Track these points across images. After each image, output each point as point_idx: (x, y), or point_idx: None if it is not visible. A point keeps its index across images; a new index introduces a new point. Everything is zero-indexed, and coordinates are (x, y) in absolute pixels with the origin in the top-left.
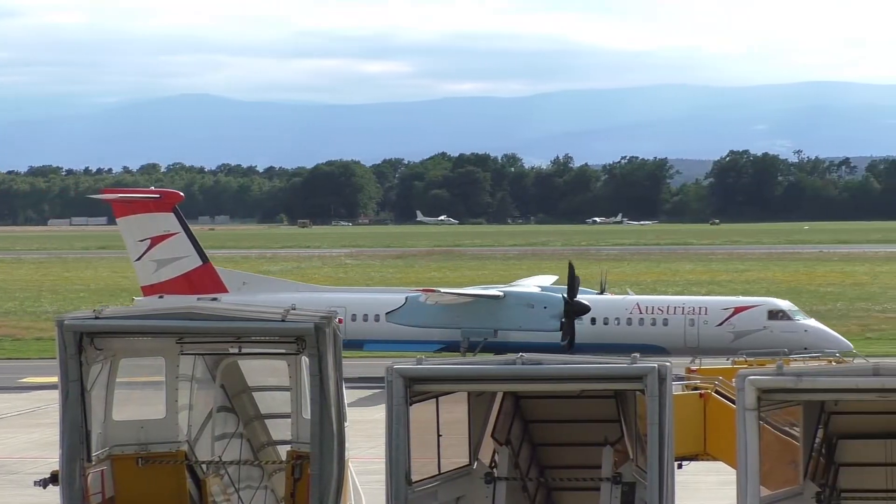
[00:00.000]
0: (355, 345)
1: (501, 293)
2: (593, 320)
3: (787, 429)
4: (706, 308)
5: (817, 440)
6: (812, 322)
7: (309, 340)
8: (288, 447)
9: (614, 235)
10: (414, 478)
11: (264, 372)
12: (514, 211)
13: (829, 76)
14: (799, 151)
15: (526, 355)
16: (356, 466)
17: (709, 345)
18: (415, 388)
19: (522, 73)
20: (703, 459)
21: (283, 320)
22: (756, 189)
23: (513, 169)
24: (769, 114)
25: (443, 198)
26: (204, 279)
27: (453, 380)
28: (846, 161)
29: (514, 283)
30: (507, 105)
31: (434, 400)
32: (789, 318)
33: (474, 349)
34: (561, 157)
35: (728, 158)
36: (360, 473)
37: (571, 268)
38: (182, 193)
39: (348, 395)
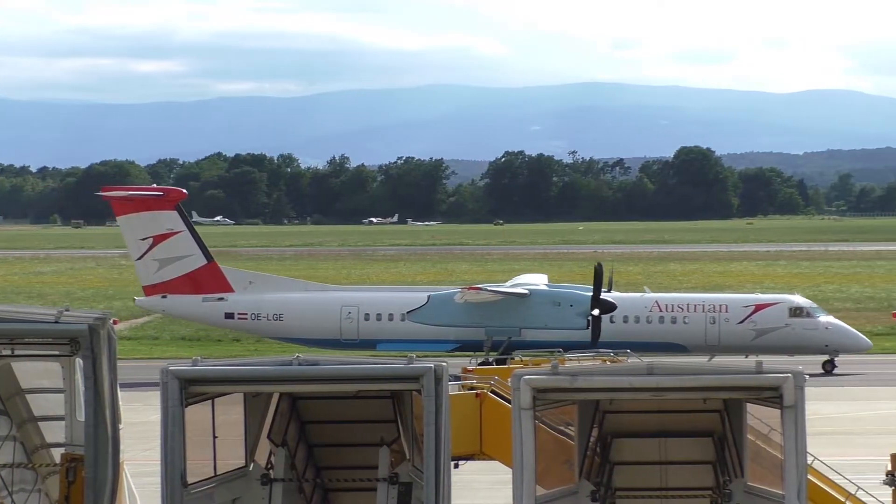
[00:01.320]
0: (368, 345)
1: (527, 291)
2: (612, 319)
3: (562, 428)
4: (726, 306)
5: (592, 439)
6: (832, 319)
7: (83, 342)
8: (62, 450)
9: (391, 236)
10: (190, 480)
11: (38, 374)
12: (290, 211)
13: (602, 77)
14: (574, 152)
15: (302, 356)
16: (131, 469)
17: (730, 343)
18: (190, 390)
19: (297, 73)
20: (479, 459)
21: (56, 322)
22: (531, 189)
23: (289, 169)
24: (544, 114)
25: (219, 198)
26: (209, 279)
27: (229, 381)
28: (620, 162)
29: (512, 282)
30: (284, 105)
31: (210, 401)
32: (810, 316)
33: (497, 348)
34: (337, 158)
35: (503, 159)
36: (136, 476)
37: (598, 266)
38: (185, 191)
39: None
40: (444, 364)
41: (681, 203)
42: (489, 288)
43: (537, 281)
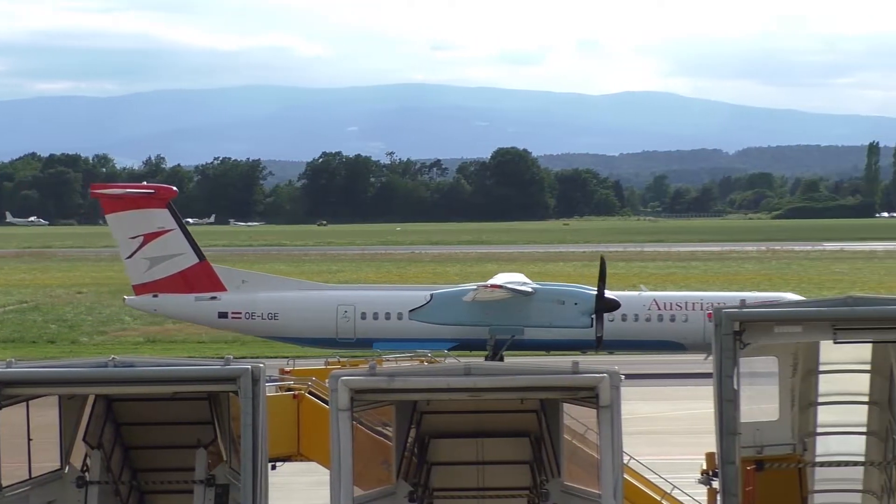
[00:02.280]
0: (365, 344)
1: (532, 289)
2: (612, 317)
3: (380, 428)
4: (724, 304)
5: (410, 439)
6: None
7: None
8: None
9: (208, 236)
10: (4, 483)
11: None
12: None
13: (420, 78)
14: (391, 153)
15: (118, 357)
16: None
17: None
18: (4, 392)
19: (115, 72)
20: (297, 460)
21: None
22: (349, 190)
23: (104, 169)
24: (361, 115)
25: (33, 198)
26: (200, 277)
27: (43, 383)
28: (437, 163)
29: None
30: (100, 105)
31: (24, 403)
32: None
33: (501, 347)
34: (153, 158)
35: (321, 160)
36: None
37: (603, 263)
38: (176, 189)
39: None
40: (260, 365)
41: (498, 204)
42: (508, 286)
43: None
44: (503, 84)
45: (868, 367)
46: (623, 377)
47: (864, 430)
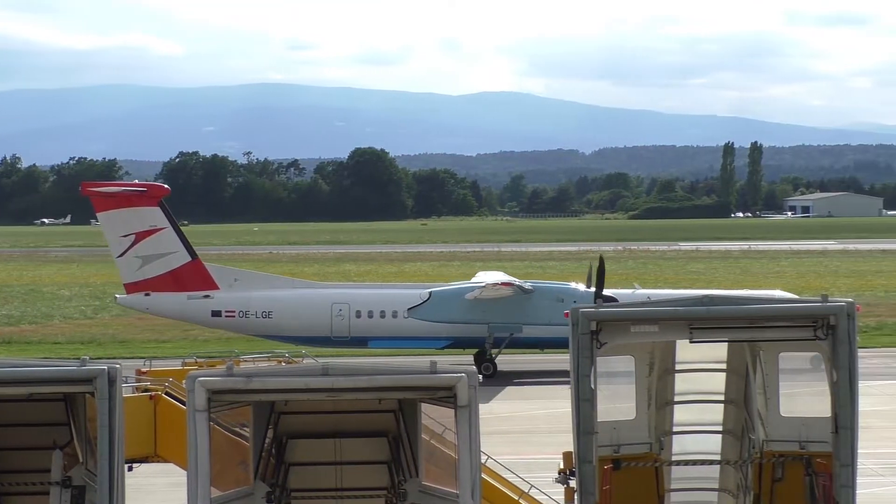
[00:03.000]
0: (359, 342)
1: (531, 287)
2: None
3: (237, 429)
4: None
5: (268, 440)
6: None
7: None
8: None
9: (64, 237)
10: None
11: None
12: None
13: (277, 78)
14: (248, 153)
15: None
16: None
17: None
18: None
19: None
20: (154, 461)
21: None
22: (206, 190)
23: None
24: (218, 115)
25: None
26: (193, 276)
27: None
28: (295, 163)
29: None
30: None
31: None
32: None
33: (499, 345)
34: (9, 158)
35: (178, 159)
36: None
37: (601, 261)
38: (168, 187)
39: None
40: (117, 366)
41: (356, 204)
42: (515, 283)
43: (498, 278)
44: (361, 84)
45: (724, 366)
46: (481, 377)
47: (719, 428)
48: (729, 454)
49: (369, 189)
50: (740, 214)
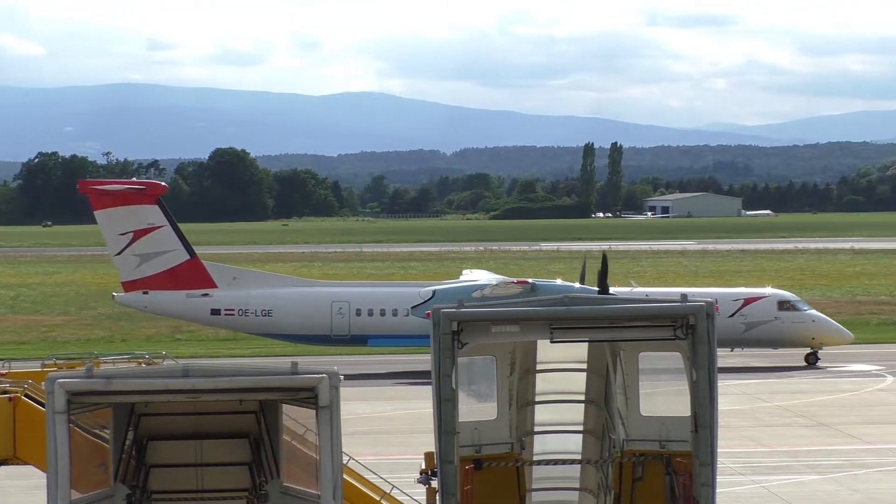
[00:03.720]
0: (359, 340)
1: (535, 284)
2: None
3: (97, 431)
4: (716, 299)
5: (128, 442)
6: (816, 312)
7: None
8: None
9: None
10: None
11: None
12: None
13: (137, 78)
14: (108, 153)
15: None
16: None
17: (720, 336)
18: None
19: None
20: (13, 464)
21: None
22: (66, 191)
23: None
24: (77, 115)
25: None
26: (191, 274)
27: None
28: (155, 163)
29: (461, 278)
30: None
31: None
32: (796, 309)
33: None
34: None
35: (37, 160)
36: None
37: (605, 258)
38: (166, 185)
39: None
40: None
41: (216, 204)
42: (530, 281)
43: (484, 277)
44: (222, 84)
45: (584, 365)
46: (342, 378)
47: (580, 428)
48: (590, 454)
49: (230, 189)
50: (601, 215)
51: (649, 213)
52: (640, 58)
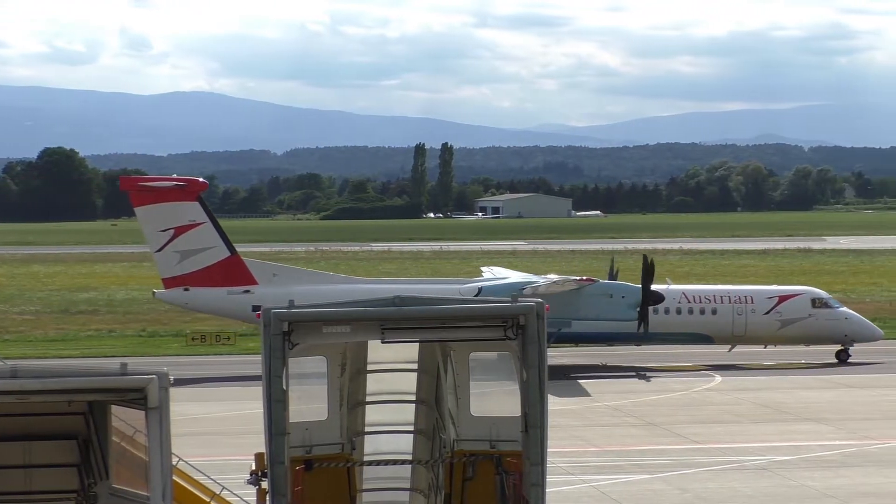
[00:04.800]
0: None
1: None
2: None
3: None
4: (752, 297)
5: None
6: (848, 310)
7: None
8: None
9: None
10: None
11: None
12: None
13: None
14: None
15: None
16: None
17: (756, 333)
18: None
19: None
20: None
21: None
22: None
23: None
24: None
25: None
26: (232, 271)
27: None
28: None
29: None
30: None
31: None
32: (829, 306)
33: (549, 339)
34: None
35: None
36: None
37: (646, 258)
38: (206, 182)
39: None
40: None
41: (45, 204)
42: (602, 281)
43: (506, 273)
44: (51, 83)
45: (415, 366)
46: (172, 379)
47: (411, 428)
48: (421, 454)
49: (59, 189)
50: (431, 215)
51: (480, 214)
52: (470, 58)
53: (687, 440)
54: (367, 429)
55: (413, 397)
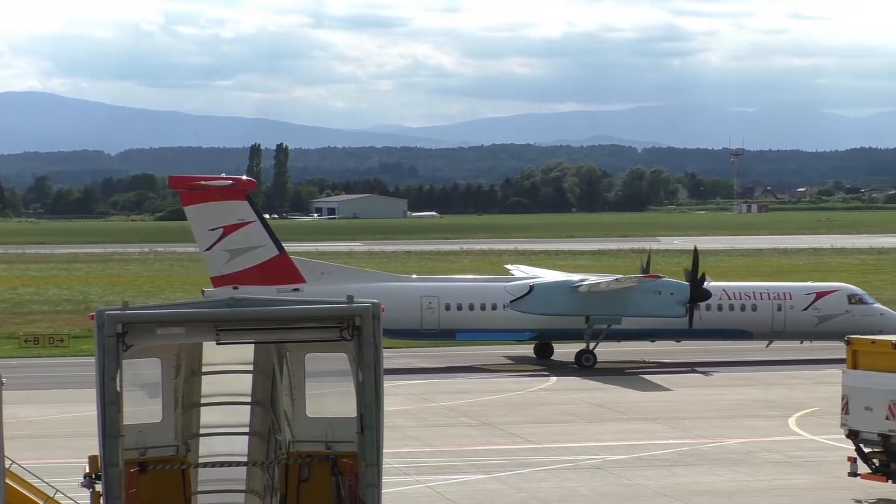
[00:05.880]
0: (447, 334)
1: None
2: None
3: None
4: (790, 293)
5: None
6: (882, 306)
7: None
8: None
9: None
10: None
11: None
12: None
13: None
14: None
15: None
16: None
17: (795, 329)
18: None
19: None
20: None
21: None
22: None
23: None
24: None
25: None
26: (281, 269)
27: None
28: None
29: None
30: None
31: None
32: (865, 303)
33: (598, 336)
34: None
35: None
36: None
37: (696, 253)
38: (255, 181)
39: None
40: None
41: None
42: (666, 279)
43: (535, 272)
44: None
45: (251, 367)
46: (4, 381)
47: (247, 430)
48: (256, 455)
49: None
50: (267, 216)
51: (315, 215)
52: (306, 59)
53: (522, 440)
54: (202, 431)
55: (248, 399)
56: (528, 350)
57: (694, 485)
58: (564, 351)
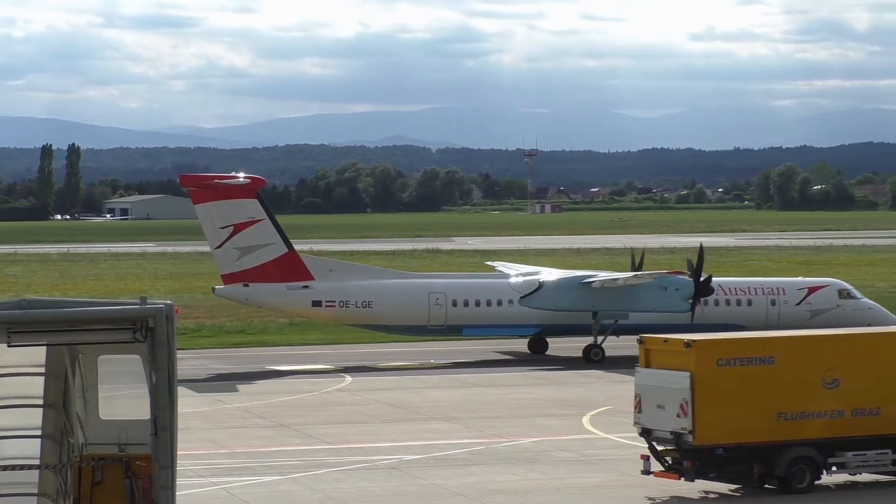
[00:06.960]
0: (454, 330)
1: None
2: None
3: None
4: (783, 289)
5: None
6: (870, 301)
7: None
8: None
9: None
10: None
11: None
12: None
13: None
14: None
15: None
16: None
17: (788, 323)
18: None
19: None
20: None
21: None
22: None
23: None
24: None
25: None
26: (290, 267)
27: None
28: None
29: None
30: None
31: None
32: (854, 297)
33: (605, 331)
34: None
35: None
36: None
37: (701, 250)
38: (265, 179)
39: None
40: None
41: None
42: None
43: (517, 268)
44: None
45: (43, 369)
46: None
47: (39, 433)
48: (49, 458)
49: None
50: (59, 217)
51: (109, 216)
52: (98, 59)
53: (318, 441)
54: None
55: (41, 401)
56: (521, 345)
57: (489, 484)
58: (560, 346)
